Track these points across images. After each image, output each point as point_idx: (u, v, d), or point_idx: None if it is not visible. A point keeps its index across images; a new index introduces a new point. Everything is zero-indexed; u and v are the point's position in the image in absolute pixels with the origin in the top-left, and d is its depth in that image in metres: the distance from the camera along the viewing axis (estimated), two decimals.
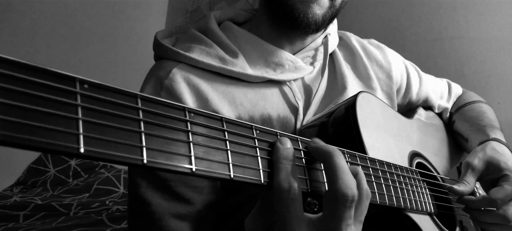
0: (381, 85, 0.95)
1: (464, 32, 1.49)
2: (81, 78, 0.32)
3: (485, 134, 0.94)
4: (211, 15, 0.88)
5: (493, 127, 0.96)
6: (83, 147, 0.30)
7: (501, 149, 0.88)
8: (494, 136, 0.92)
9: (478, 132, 0.96)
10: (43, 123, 0.29)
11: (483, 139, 0.92)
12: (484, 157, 0.85)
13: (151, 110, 0.35)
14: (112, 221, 1.57)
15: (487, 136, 0.93)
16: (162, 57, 0.82)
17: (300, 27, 0.78)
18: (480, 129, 0.97)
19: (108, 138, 0.31)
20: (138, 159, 0.32)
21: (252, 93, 0.79)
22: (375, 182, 0.59)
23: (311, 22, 0.77)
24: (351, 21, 1.75)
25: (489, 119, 1.01)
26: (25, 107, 0.28)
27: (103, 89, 0.32)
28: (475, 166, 0.84)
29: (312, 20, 0.77)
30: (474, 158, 0.85)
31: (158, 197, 0.70)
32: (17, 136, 0.27)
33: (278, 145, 0.45)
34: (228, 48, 0.81)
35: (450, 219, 0.82)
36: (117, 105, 0.33)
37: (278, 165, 0.44)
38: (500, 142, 0.90)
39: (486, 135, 0.93)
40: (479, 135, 0.95)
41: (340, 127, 0.72)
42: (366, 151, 0.67)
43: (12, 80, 0.28)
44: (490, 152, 0.86)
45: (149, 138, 0.34)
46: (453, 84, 1.16)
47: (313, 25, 0.78)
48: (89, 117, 0.31)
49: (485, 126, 0.97)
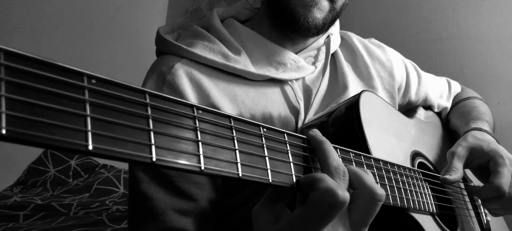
0: (383, 84, 0.95)
1: (464, 32, 1.49)
2: (89, 73, 0.31)
3: (468, 126, 0.96)
4: (214, 11, 0.87)
5: (478, 119, 0.98)
6: (91, 144, 0.29)
7: (482, 135, 0.90)
8: (475, 126, 0.94)
9: (465, 126, 0.98)
10: (50, 118, 0.28)
11: (466, 130, 0.94)
12: (466, 144, 0.87)
13: (159, 106, 0.34)
14: (112, 221, 1.56)
15: (469, 127, 0.94)
16: (164, 52, 0.82)
17: (301, 31, 0.78)
18: (466, 122, 0.99)
19: (117, 135, 0.30)
20: (147, 157, 0.31)
21: (253, 92, 0.79)
22: (380, 182, 0.59)
23: (311, 26, 0.77)
24: (351, 21, 1.75)
25: (478, 112, 1.02)
26: (32, 102, 0.27)
27: (111, 85, 0.32)
28: (459, 152, 0.85)
29: (312, 24, 0.77)
30: (457, 147, 0.87)
31: (160, 192, 0.70)
32: (23, 132, 0.26)
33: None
34: (231, 45, 0.81)
35: (451, 219, 0.82)
36: (125, 101, 0.32)
37: None
38: (481, 130, 0.92)
39: (468, 127, 0.95)
40: (465, 128, 0.96)
41: (343, 126, 0.72)
42: (370, 150, 0.66)
43: (19, 74, 0.27)
44: (471, 139, 0.88)
45: (158, 135, 0.33)
46: (452, 82, 1.16)
47: (313, 29, 0.78)
48: (97, 113, 0.30)
49: (471, 119, 0.99)
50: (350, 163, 0.55)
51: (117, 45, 2.68)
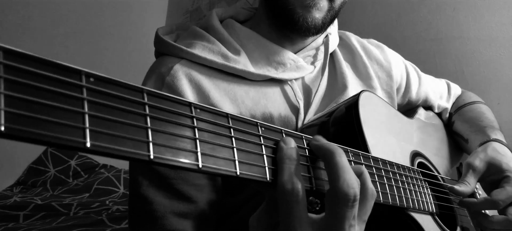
0: (381, 84, 0.95)
1: (464, 32, 1.49)
2: (87, 72, 0.31)
3: (485, 135, 0.93)
4: (213, 12, 0.87)
5: (493, 128, 0.96)
6: (89, 141, 0.29)
7: (503, 150, 0.87)
8: (495, 137, 0.91)
9: (478, 133, 0.95)
10: (49, 116, 0.28)
11: (484, 140, 0.91)
12: (486, 157, 0.84)
13: (157, 105, 0.34)
14: (112, 221, 1.56)
15: (487, 136, 0.92)
16: (164, 53, 0.82)
17: (300, 31, 0.78)
18: (480, 129, 0.96)
19: (115, 132, 0.31)
20: (144, 155, 0.32)
21: (253, 92, 0.79)
22: (379, 182, 0.58)
23: (310, 26, 0.77)
24: (351, 21, 1.75)
25: (489, 119, 1.01)
26: (31, 100, 0.28)
27: (109, 83, 0.32)
28: (476, 166, 0.83)
29: (312, 24, 0.77)
30: (475, 159, 0.84)
31: (159, 195, 0.70)
32: (22, 129, 0.27)
33: (282, 144, 0.45)
34: (231, 45, 0.81)
35: (451, 219, 0.82)
36: (123, 100, 0.32)
37: (281, 165, 0.43)
38: (501, 142, 0.89)
39: (486, 136, 0.92)
40: (480, 135, 0.94)
41: (343, 126, 0.72)
42: (369, 150, 0.66)
43: (18, 72, 0.28)
44: (491, 152, 0.85)
45: (156, 133, 0.33)
46: (452, 84, 1.16)
47: (312, 29, 0.78)
48: (95, 111, 0.30)
49: (485, 127, 0.96)
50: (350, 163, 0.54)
51: (116, 45, 2.69)
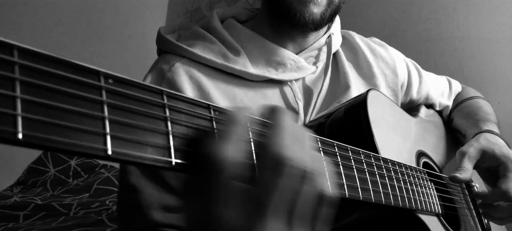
0: (387, 82, 0.95)
1: (464, 32, 1.49)
2: (105, 72, 0.29)
3: (478, 127, 0.95)
4: (214, 12, 0.88)
5: (487, 120, 0.98)
6: (110, 148, 0.27)
7: (494, 139, 0.90)
8: (486, 128, 0.94)
9: (473, 126, 0.97)
10: (67, 121, 0.26)
11: (476, 132, 0.93)
12: (479, 146, 0.86)
13: (178, 107, 0.33)
14: (112, 221, 1.55)
15: (480, 128, 0.94)
16: (165, 51, 0.83)
17: (298, 26, 0.78)
18: (474, 123, 0.98)
19: (136, 138, 0.29)
20: (167, 161, 0.30)
21: (252, 93, 0.79)
22: (389, 184, 0.58)
23: (308, 21, 0.77)
24: (351, 21, 1.75)
25: (485, 112, 1.02)
26: (48, 104, 0.25)
27: (129, 85, 0.30)
28: (470, 153, 0.84)
29: (309, 19, 0.77)
30: (469, 147, 0.86)
31: (150, 186, 0.69)
32: (41, 136, 0.25)
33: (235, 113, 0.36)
34: (231, 46, 0.81)
35: (454, 219, 0.82)
36: (143, 103, 0.31)
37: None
38: (493, 132, 0.92)
39: (479, 128, 0.95)
40: (474, 128, 0.96)
41: (350, 125, 0.71)
42: (378, 150, 0.66)
43: (34, 74, 0.25)
44: (483, 141, 0.88)
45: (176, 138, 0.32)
46: (453, 81, 1.16)
47: (310, 24, 0.77)
48: (115, 115, 0.28)
49: (479, 120, 0.98)
50: (360, 164, 0.54)
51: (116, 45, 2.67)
